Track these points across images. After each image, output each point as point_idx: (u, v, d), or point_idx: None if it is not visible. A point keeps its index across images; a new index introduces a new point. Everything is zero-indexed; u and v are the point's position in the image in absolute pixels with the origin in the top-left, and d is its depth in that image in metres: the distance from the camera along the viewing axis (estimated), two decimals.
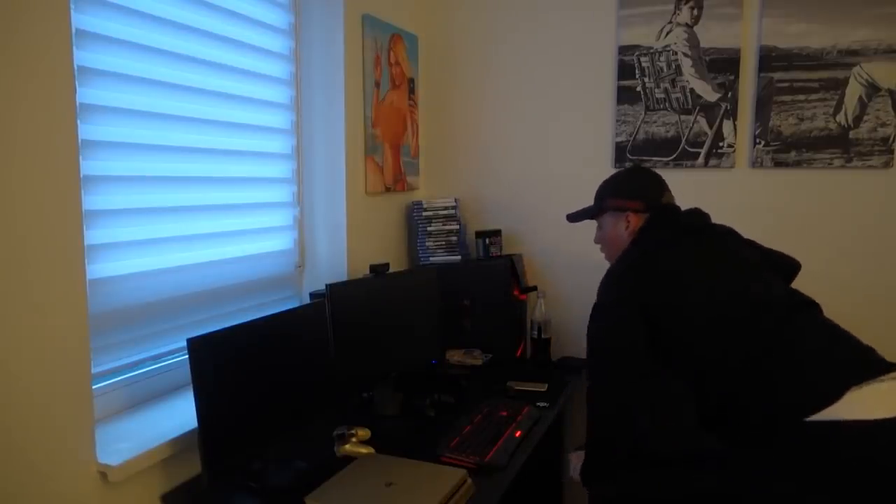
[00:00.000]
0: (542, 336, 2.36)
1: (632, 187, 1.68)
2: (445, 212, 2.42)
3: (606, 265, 2.42)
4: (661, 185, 1.68)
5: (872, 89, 2.07)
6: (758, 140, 2.19)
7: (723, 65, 2.21)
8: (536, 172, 2.51)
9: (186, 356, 1.36)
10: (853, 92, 2.09)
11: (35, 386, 1.15)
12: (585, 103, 2.41)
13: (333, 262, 2.13)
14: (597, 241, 1.78)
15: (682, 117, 2.27)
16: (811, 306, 1.48)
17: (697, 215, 1.64)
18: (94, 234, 1.38)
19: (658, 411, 1.52)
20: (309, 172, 2.12)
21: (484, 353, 2.32)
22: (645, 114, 2.31)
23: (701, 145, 2.26)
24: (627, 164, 2.35)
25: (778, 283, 1.51)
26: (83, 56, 1.34)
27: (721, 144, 2.23)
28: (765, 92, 2.17)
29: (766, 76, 2.16)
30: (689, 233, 1.57)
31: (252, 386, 1.45)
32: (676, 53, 2.26)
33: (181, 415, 1.49)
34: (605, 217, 1.71)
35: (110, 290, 1.43)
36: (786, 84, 2.15)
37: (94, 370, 1.32)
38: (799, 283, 2.12)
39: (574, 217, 1.84)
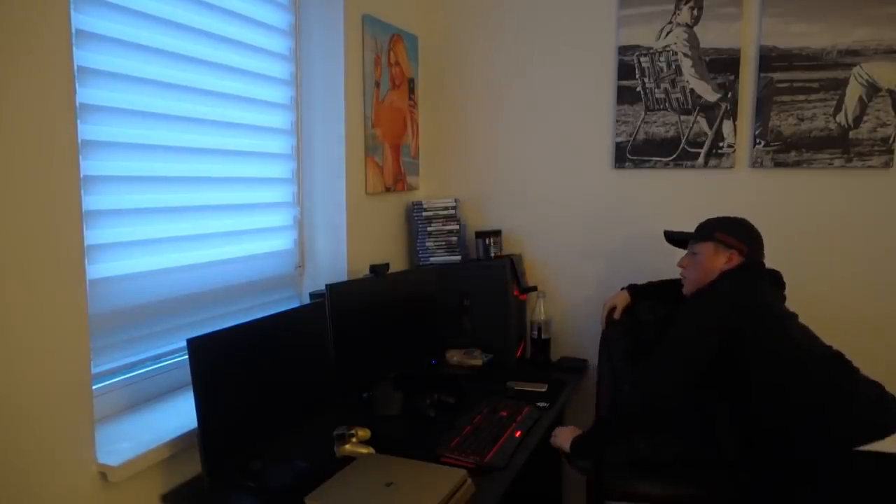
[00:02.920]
0: (542, 336, 2.36)
1: (745, 234, 1.81)
2: (445, 212, 2.42)
3: (606, 266, 2.43)
4: (763, 247, 1.83)
5: (872, 89, 2.07)
6: (758, 140, 2.19)
7: (723, 65, 2.20)
8: (536, 172, 2.51)
9: (186, 356, 1.36)
10: (853, 92, 2.09)
11: (35, 386, 1.15)
12: (585, 103, 2.41)
13: (333, 262, 2.13)
14: (684, 264, 1.90)
15: (682, 117, 2.27)
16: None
17: (779, 277, 1.85)
18: (94, 234, 1.38)
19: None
20: (309, 172, 2.12)
21: (484, 353, 2.32)
22: (645, 114, 2.31)
23: (701, 145, 2.26)
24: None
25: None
26: (83, 56, 1.34)
27: (721, 145, 2.23)
28: (765, 92, 2.17)
29: (766, 76, 2.16)
30: (774, 285, 1.82)
31: (252, 386, 1.45)
32: (676, 53, 2.25)
33: (181, 415, 1.49)
34: (707, 245, 1.81)
35: (110, 290, 1.43)
36: (786, 84, 2.15)
37: (94, 370, 1.32)
38: (799, 284, 2.12)
39: (675, 237, 1.99)
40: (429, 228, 2.42)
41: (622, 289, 2.15)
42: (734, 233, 1.80)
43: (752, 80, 2.19)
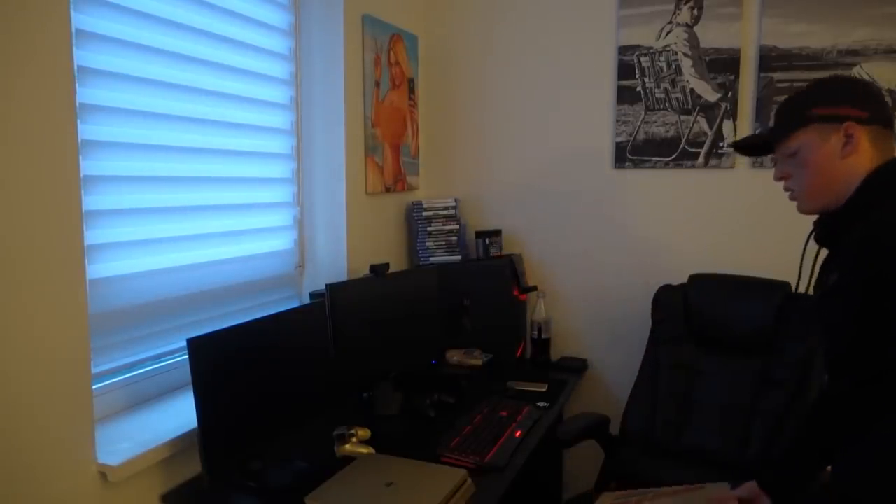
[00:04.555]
0: (542, 336, 2.36)
1: (855, 91, 1.19)
2: (445, 212, 2.42)
3: (606, 266, 2.43)
4: (889, 106, 1.21)
5: None
6: None
7: (723, 65, 2.20)
8: (536, 172, 2.51)
9: (186, 356, 1.36)
10: None
11: (35, 386, 1.15)
12: (585, 103, 2.41)
13: (333, 262, 2.13)
14: (782, 176, 1.25)
15: (682, 117, 2.27)
16: None
17: None
18: (94, 234, 1.38)
19: None
20: (309, 172, 2.12)
21: (484, 353, 2.32)
22: (645, 114, 2.31)
23: (701, 145, 2.26)
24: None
25: None
26: (83, 56, 1.34)
27: (721, 144, 2.23)
28: (765, 92, 2.17)
29: (766, 76, 2.16)
30: None
31: (252, 386, 1.45)
32: (676, 53, 2.25)
33: (181, 415, 1.49)
34: (804, 133, 1.19)
35: (110, 290, 1.43)
36: (786, 84, 2.14)
37: (94, 370, 1.32)
38: None
39: (747, 144, 1.32)
40: (429, 228, 2.42)
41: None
42: (837, 97, 1.17)
43: (752, 79, 2.19)
